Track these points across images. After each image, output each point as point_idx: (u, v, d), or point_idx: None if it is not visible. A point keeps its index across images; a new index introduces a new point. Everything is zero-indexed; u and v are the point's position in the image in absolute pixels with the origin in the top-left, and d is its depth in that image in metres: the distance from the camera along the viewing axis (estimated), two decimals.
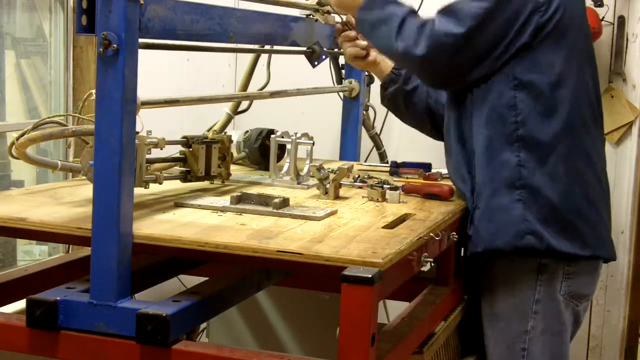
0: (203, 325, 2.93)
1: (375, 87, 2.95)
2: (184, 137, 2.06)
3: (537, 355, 2.11)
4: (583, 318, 2.24)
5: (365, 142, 3.06)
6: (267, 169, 2.38)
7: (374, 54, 2.48)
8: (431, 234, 1.82)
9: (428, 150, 2.79)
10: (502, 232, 2.06)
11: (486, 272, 2.19)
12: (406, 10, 2.11)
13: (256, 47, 2.56)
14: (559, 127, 2.06)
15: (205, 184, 2.17)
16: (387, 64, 2.49)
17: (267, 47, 2.58)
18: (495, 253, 2.10)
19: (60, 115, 2.53)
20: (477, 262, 2.19)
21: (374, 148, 3.13)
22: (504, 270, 2.14)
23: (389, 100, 2.54)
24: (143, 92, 1.62)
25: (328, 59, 2.74)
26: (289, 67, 2.94)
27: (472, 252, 2.11)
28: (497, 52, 2.04)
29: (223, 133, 2.26)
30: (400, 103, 2.50)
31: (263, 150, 2.50)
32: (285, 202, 1.90)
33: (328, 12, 2.55)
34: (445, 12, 2.04)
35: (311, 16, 2.51)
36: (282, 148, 2.36)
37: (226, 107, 2.70)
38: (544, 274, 2.10)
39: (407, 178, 2.47)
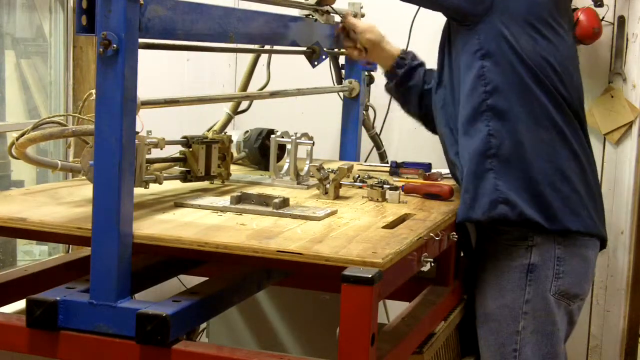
0: (203, 325, 2.93)
1: (375, 87, 2.96)
2: (184, 137, 2.06)
3: (528, 356, 2.11)
4: (578, 317, 2.24)
5: (365, 142, 3.06)
6: (267, 169, 2.38)
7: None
8: (431, 234, 1.82)
9: (428, 150, 2.79)
10: (477, 202, 2.07)
11: (477, 272, 2.20)
12: None
13: (256, 47, 2.56)
14: (526, 98, 2.08)
15: (205, 184, 2.17)
16: (395, 49, 2.47)
17: (267, 47, 2.59)
18: (475, 224, 2.14)
19: (60, 115, 2.53)
20: (470, 261, 2.20)
21: (374, 148, 3.13)
22: (494, 270, 2.15)
23: (400, 81, 2.44)
24: (143, 92, 1.62)
25: (328, 59, 2.74)
26: (289, 67, 2.94)
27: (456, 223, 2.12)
28: None
29: (223, 133, 2.26)
30: (418, 78, 2.44)
31: (263, 150, 2.50)
32: (285, 202, 1.90)
33: (328, 12, 2.55)
34: None
35: (311, 16, 2.51)
36: (282, 148, 2.35)
37: (226, 107, 2.70)
38: (533, 273, 2.10)
39: (407, 178, 2.47)
